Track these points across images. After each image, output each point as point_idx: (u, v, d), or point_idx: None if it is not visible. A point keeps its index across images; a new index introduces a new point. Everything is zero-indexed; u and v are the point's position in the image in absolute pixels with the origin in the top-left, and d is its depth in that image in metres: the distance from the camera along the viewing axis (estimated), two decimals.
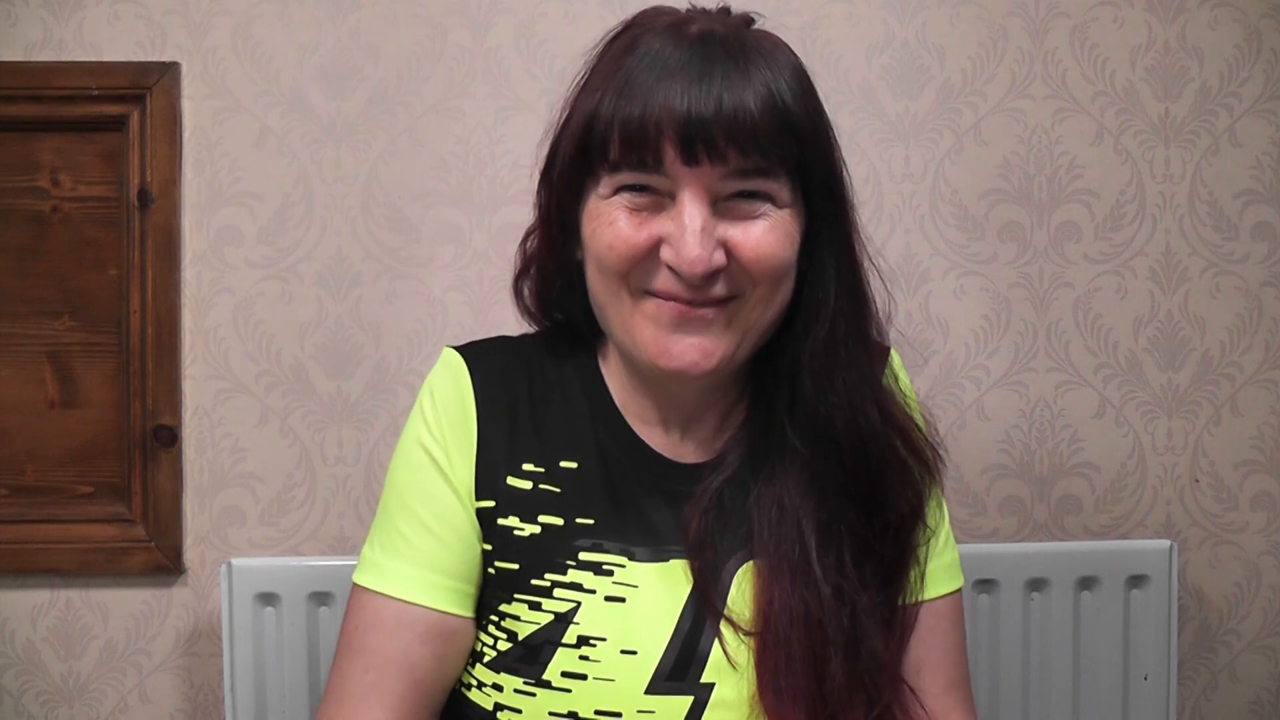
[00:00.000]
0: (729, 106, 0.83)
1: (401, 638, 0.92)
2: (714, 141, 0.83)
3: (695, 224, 0.84)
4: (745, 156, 0.84)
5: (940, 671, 0.97)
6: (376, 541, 0.95)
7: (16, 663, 1.54)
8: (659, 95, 0.84)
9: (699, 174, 0.84)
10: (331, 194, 1.52)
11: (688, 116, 0.83)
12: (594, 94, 0.87)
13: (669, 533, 0.93)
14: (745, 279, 0.87)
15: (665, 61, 0.85)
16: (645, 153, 0.84)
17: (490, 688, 0.92)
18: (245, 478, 1.53)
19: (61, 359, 1.52)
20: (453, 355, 0.97)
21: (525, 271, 0.99)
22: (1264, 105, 1.56)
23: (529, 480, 0.94)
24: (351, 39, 1.51)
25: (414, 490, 0.94)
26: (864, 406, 0.92)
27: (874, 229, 1.54)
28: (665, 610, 0.91)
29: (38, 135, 1.50)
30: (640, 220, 0.86)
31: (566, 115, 0.91)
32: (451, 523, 0.93)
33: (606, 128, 0.85)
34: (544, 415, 0.95)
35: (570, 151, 0.89)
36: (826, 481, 0.92)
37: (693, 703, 0.89)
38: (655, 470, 0.95)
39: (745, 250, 0.86)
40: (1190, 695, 1.60)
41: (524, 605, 0.92)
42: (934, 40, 1.54)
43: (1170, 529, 1.59)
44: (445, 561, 0.93)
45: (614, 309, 0.90)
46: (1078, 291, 1.56)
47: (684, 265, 0.84)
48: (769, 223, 0.87)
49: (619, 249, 0.86)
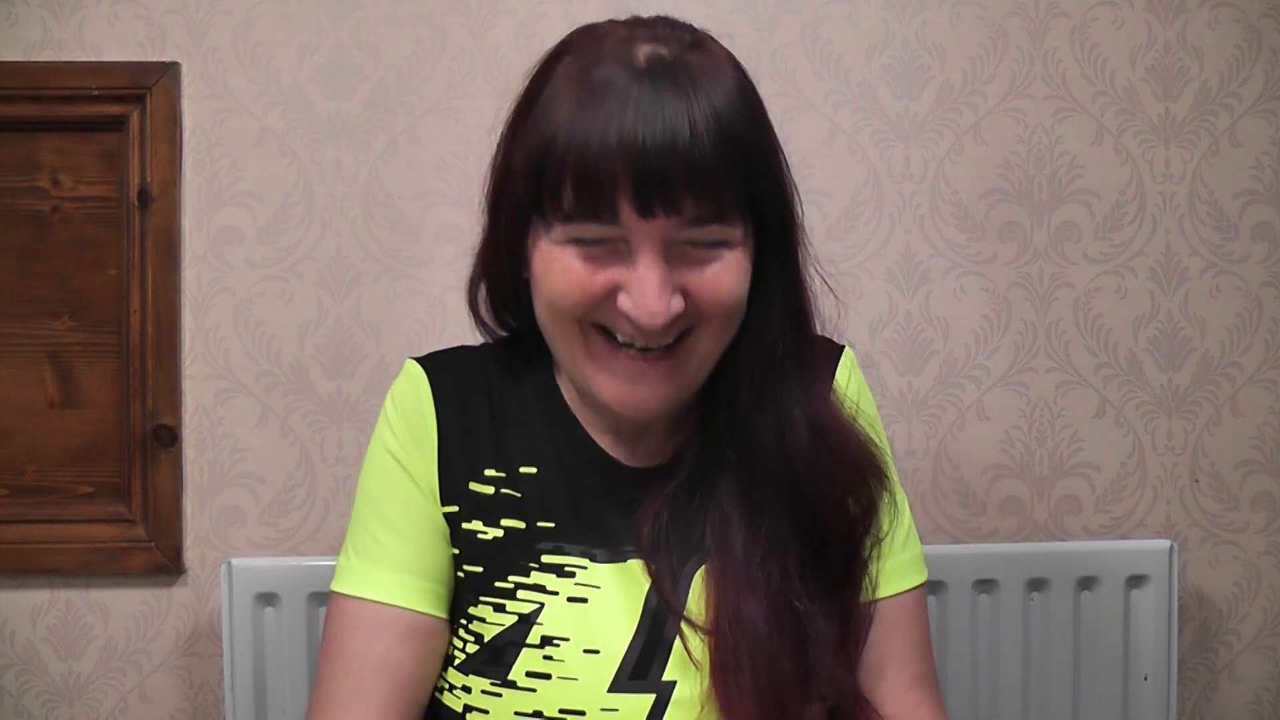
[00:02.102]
0: (683, 154, 0.81)
1: (381, 640, 0.92)
2: (670, 194, 0.82)
3: (653, 276, 0.84)
4: (700, 205, 0.83)
5: (905, 666, 0.98)
6: (351, 549, 0.96)
7: (16, 663, 1.54)
8: (612, 144, 0.81)
9: (655, 225, 0.83)
10: (331, 194, 1.52)
11: (644, 170, 0.81)
12: (544, 130, 0.85)
13: (625, 535, 0.94)
14: (700, 316, 0.87)
15: (617, 101, 0.82)
16: (600, 206, 0.82)
17: (460, 690, 0.93)
18: (245, 478, 1.53)
19: (61, 359, 1.53)
20: (413, 366, 0.99)
21: (475, 284, 0.99)
22: (1264, 105, 1.56)
23: (490, 485, 0.95)
24: (351, 39, 1.51)
25: (384, 495, 0.96)
26: (793, 427, 0.92)
27: (874, 229, 1.54)
28: (626, 610, 0.92)
29: (38, 135, 1.50)
30: (594, 267, 0.85)
31: (513, 144, 0.89)
32: (422, 525, 0.95)
33: (558, 173, 0.83)
34: (503, 422, 0.97)
35: (520, 189, 0.87)
36: (761, 497, 0.92)
37: (655, 700, 0.90)
38: (610, 475, 0.96)
39: (703, 294, 0.86)
40: (1190, 695, 1.60)
41: (489, 607, 0.93)
42: (934, 40, 1.54)
43: (1170, 529, 1.59)
44: (419, 563, 0.94)
45: (565, 345, 0.90)
46: (1078, 291, 1.56)
47: (644, 319, 0.84)
48: (724, 264, 0.86)
49: (573, 296, 0.86)
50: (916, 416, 1.56)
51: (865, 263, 1.55)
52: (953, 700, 1.48)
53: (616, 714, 0.90)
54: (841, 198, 1.54)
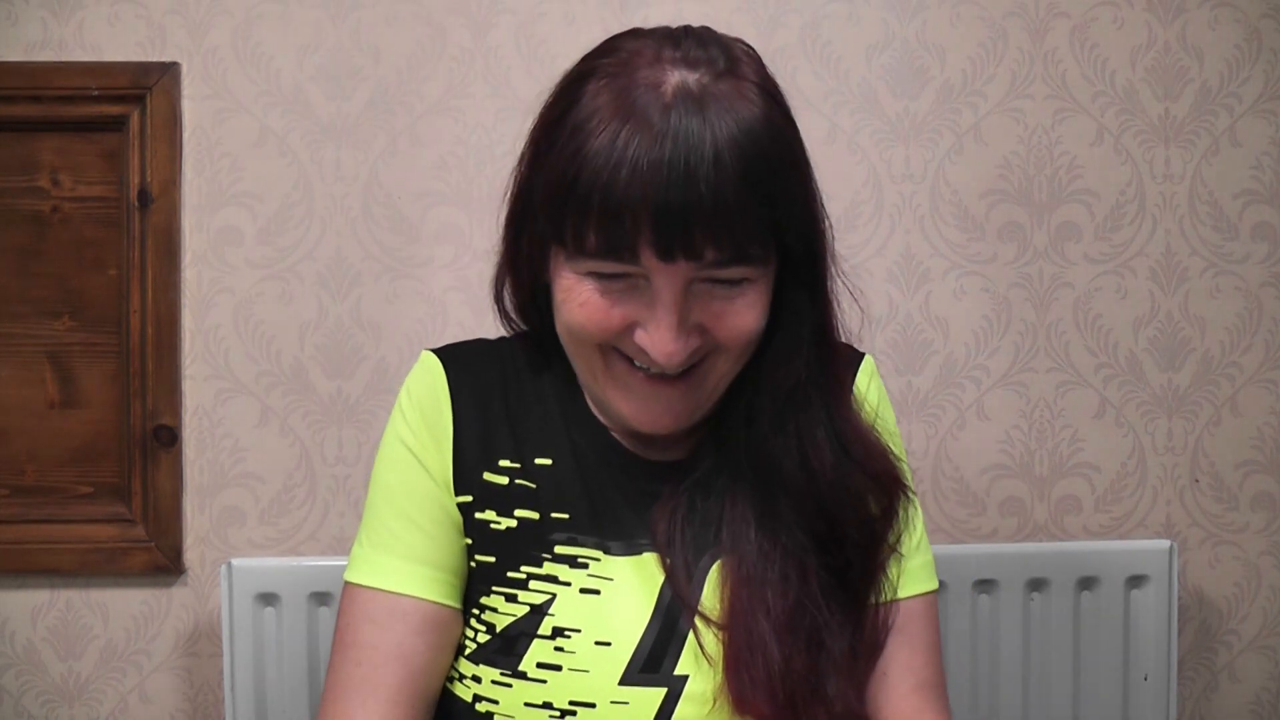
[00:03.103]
0: (706, 197, 0.81)
1: (394, 629, 0.92)
2: (691, 239, 0.82)
3: (671, 319, 0.84)
4: (721, 249, 0.83)
5: (910, 671, 0.97)
6: (365, 539, 0.96)
7: (16, 663, 1.54)
8: (636, 186, 0.81)
9: (675, 269, 0.83)
10: (331, 194, 1.52)
11: (665, 214, 0.81)
12: (569, 162, 0.84)
13: (641, 529, 0.94)
14: (718, 346, 0.88)
15: (642, 139, 0.81)
16: (621, 247, 0.83)
17: (470, 679, 0.93)
18: (245, 478, 1.53)
19: (61, 359, 1.53)
20: (429, 357, 0.99)
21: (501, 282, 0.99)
22: (1264, 105, 1.56)
23: (505, 476, 0.95)
24: (351, 39, 1.51)
25: (398, 486, 0.96)
26: (817, 449, 0.92)
27: (874, 229, 1.54)
28: (639, 603, 0.92)
29: (38, 135, 1.50)
30: (613, 301, 0.86)
31: (534, 169, 0.89)
32: (436, 515, 0.95)
33: (581, 214, 0.83)
34: (519, 413, 0.97)
35: (543, 219, 0.87)
36: (779, 509, 0.92)
37: (666, 694, 0.90)
38: (627, 468, 0.96)
39: (721, 331, 0.87)
40: (1190, 695, 1.60)
41: (501, 597, 0.93)
42: (934, 40, 1.54)
43: (1170, 529, 1.59)
44: (432, 553, 0.94)
45: (584, 363, 0.91)
46: (1078, 291, 1.56)
47: (661, 359, 0.85)
48: (744, 301, 0.86)
49: (590, 330, 0.87)
50: (916, 416, 1.56)
51: (865, 263, 1.55)
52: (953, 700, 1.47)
53: (627, 707, 0.89)
54: (841, 198, 1.54)
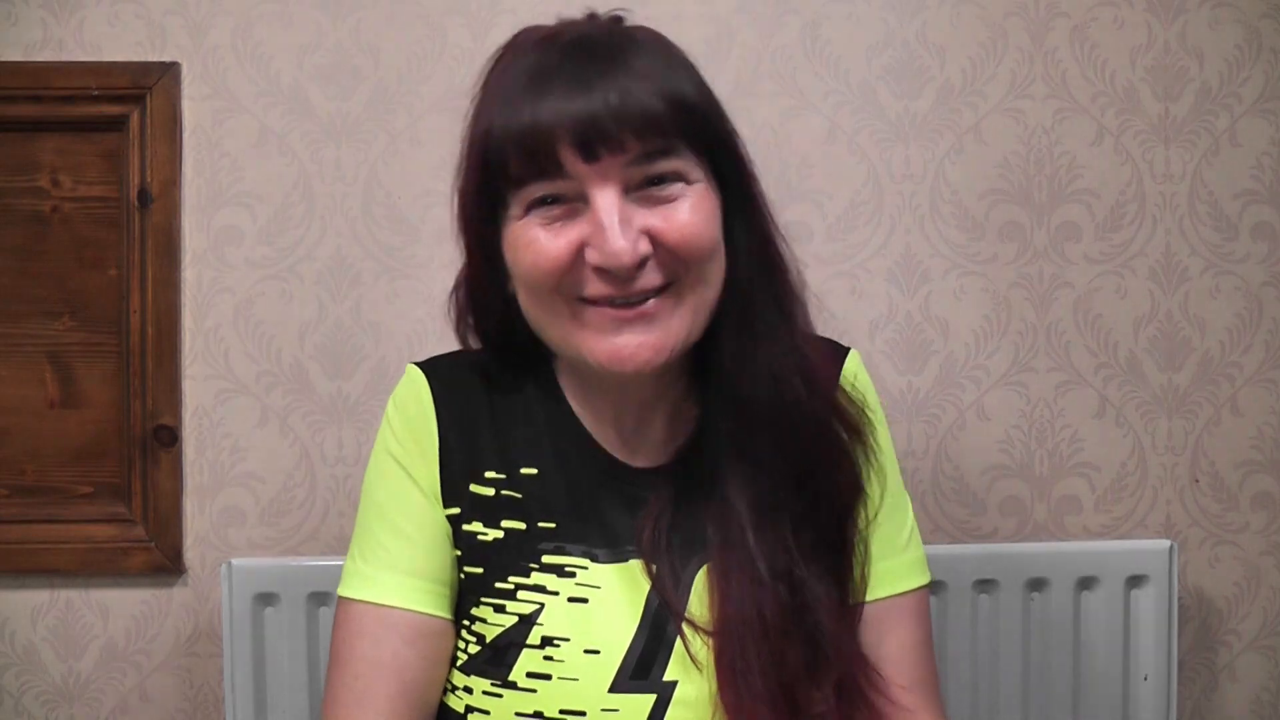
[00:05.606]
0: (617, 95, 0.83)
1: (388, 642, 0.93)
2: (609, 132, 0.83)
3: (612, 217, 0.84)
4: (644, 140, 0.84)
5: (902, 669, 0.97)
6: (356, 553, 0.97)
7: (16, 663, 1.54)
8: (546, 100, 0.84)
9: (603, 168, 0.84)
10: (331, 194, 1.52)
11: (578, 113, 0.83)
12: (482, 121, 0.88)
13: (627, 535, 0.94)
14: (676, 263, 0.87)
15: (545, 69, 0.85)
16: (544, 160, 0.84)
17: (462, 690, 0.94)
18: (245, 478, 1.53)
19: (61, 359, 1.53)
20: (414, 370, 1.00)
21: (463, 317, 1.00)
22: (1264, 105, 1.56)
23: (491, 487, 0.95)
24: (351, 39, 1.51)
25: (388, 499, 0.96)
26: (787, 377, 0.92)
27: (874, 229, 1.54)
28: (627, 610, 0.92)
29: (38, 135, 1.50)
30: (557, 230, 0.86)
31: (465, 157, 0.92)
32: (426, 527, 0.95)
33: (501, 146, 0.85)
34: (504, 424, 0.97)
35: (475, 181, 0.89)
36: (760, 459, 0.92)
37: (655, 701, 0.90)
38: (612, 475, 0.96)
39: (670, 234, 0.86)
40: (1190, 695, 1.60)
41: (490, 608, 0.94)
42: (934, 40, 1.54)
43: (1170, 529, 1.59)
44: (424, 565, 0.94)
45: (553, 326, 0.90)
46: (1078, 291, 1.56)
47: (610, 260, 0.84)
48: (688, 202, 0.87)
49: (543, 265, 0.87)
50: (916, 416, 1.56)
51: (865, 263, 1.55)
52: (953, 700, 1.48)
53: (617, 714, 0.90)
54: (841, 198, 1.54)
